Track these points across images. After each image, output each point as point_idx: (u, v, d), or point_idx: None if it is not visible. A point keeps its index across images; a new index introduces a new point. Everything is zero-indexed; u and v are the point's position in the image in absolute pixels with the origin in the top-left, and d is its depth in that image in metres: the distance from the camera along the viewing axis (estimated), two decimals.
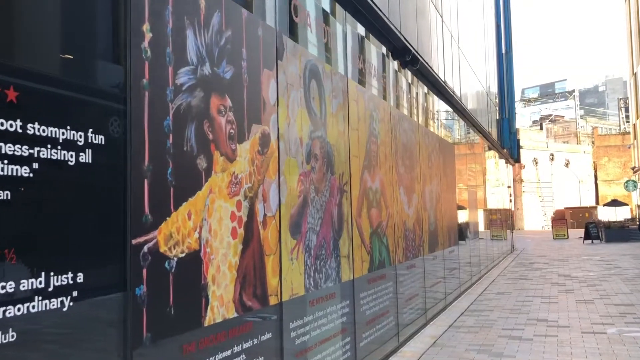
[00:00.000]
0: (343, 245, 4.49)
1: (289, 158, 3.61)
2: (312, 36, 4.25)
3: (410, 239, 6.63)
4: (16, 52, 1.78)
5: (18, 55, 1.78)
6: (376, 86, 5.83)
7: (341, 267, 4.42)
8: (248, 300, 3.01)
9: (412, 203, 6.84)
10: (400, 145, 6.42)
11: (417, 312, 6.77)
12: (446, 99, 9.45)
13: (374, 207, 5.38)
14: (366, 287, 5.01)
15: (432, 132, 8.40)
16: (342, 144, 4.63)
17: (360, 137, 5.08)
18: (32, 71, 1.80)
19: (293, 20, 3.92)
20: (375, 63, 5.90)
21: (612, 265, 14.48)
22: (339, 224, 4.42)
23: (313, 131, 4.04)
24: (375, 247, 5.31)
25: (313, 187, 3.97)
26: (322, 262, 4.07)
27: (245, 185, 3.05)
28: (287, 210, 3.54)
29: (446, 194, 9.07)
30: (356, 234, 4.81)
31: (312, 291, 3.85)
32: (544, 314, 7.86)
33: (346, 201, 4.63)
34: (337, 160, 4.48)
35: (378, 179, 5.54)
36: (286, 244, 3.50)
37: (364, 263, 4.99)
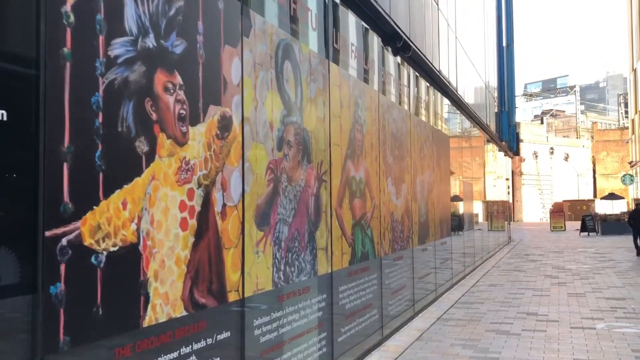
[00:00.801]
0: (320, 237, 4.24)
1: (255, 144, 3.34)
2: (287, 15, 3.95)
3: (398, 231, 6.38)
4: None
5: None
6: (363, 72, 5.55)
7: (317, 259, 4.17)
8: (201, 298, 2.76)
9: (401, 194, 6.58)
10: (389, 135, 6.14)
11: (404, 304, 6.54)
12: (441, 89, 9.15)
13: (358, 198, 5.11)
14: (346, 280, 4.76)
15: (425, 122, 8.11)
16: (322, 131, 4.35)
17: (343, 124, 4.80)
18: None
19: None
20: (363, 48, 5.61)
21: (606, 258, 14.26)
22: (315, 215, 4.16)
23: (286, 116, 3.76)
24: (358, 239, 5.06)
25: (285, 176, 3.70)
26: (295, 255, 3.81)
27: (199, 172, 2.78)
28: (253, 200, 3.28)
29: (439, 185, 8.81)
30: (336, 226, 4.55)
31: (282, 286, 3.60)
32: (535, 307, 7.64)
33: (325, 191, 4.37)
34: (315, 148, 4.21)
35: (363, 168, 5.27)
36: (251, 236, 3.24)
37: (345, 255, 4.74)
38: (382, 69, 6.09)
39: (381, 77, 5.99)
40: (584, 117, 65.08)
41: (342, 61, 4.91)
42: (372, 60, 5.78)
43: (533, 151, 46.05)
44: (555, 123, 59.83)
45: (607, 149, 49.05)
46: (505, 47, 19.88)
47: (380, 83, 5.95)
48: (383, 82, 6.07)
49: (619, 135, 49.29)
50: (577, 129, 55.82)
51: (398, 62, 6.84)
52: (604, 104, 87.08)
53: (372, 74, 5.71)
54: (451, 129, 11.57)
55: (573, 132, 56.55)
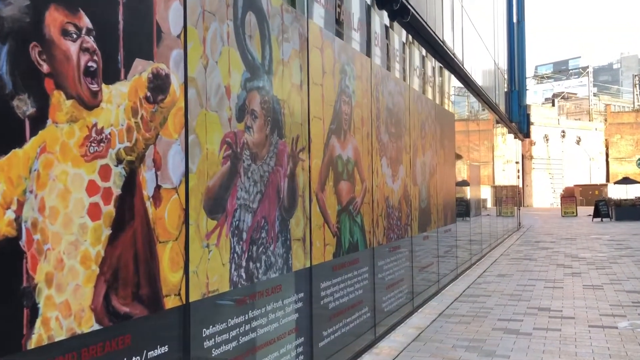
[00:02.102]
0: (296, 226, 3.62)
1: (205, 112, 2.70)
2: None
3: (394, 218, 5.74)
4: None
5: None
6: (353, 36, 4.87)
7: (292, 252, 3.55)
8: (123, 306, 2.15)
9: (398, 176, 5.93)
10: (383, 109, 5.47)
11: (401, 299, 5.93)
12: (445, 62, 8.42)
13: (345, 180, 4.48)
14: (330, 275, 4.15)
15: (427, 98, 7.42)
16: (298, 101, 3.70)
17: (326, 94, 4.15)
18: None
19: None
20: (353, 9, 4.92)
21: (623, 246, 13.54)
22: (290, 200, 3.54)
23: (250, 80, 3.11)
24: (344, 228, 4.43)
25: (249, 153, 3.07)
26: (262, 248, 3.19)
27: (118, 144, 2.16)
28: (201, 181, 2.65)
29: (443, 168, 8.14)
30: (316, 212, 3.92)
31: (243, 286, 2.99)
32: (547, 301, 7.00)
33: (302, 172, 3.73)
34: (290, 121, 3.56)
35: (351, 146, 4.62)
36: (198, 226, 2.62)
37: (328, 247, 4.11)
38: (375, 34, 5.40)
39: (374, 42, 5.29)
40: (597, 99, 63.56)
41: (325, 20, 4.23)
42: (363, 22, 5.08)
43: (544, 134, 44.97)
44: (567, 106, 58.47)
45: (621, 132, 47.76)
46: (515, 23, 18.97)
47: (373, 49, 5.26)
48: (376, 48, 5.38)
49: (633, 117, 47.97)
50: (589, 111, 54.46)
51: (396, 29, 6.13)
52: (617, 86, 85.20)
53: (362, 39, 5.02)
54: (459, 111, 10.85)
55: (585, 115, 55.22)
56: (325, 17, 4.25)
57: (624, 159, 47.35)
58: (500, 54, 16.14)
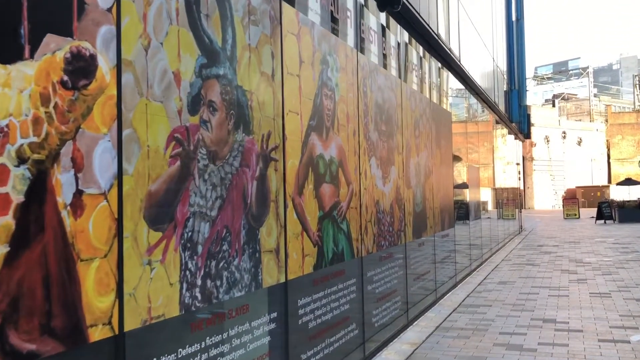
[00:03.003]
0: (267, 236, 3.17)
1: (146, 101, 2.27)
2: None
3: (385, 223, 5.30)
4: None
5: None
6: (338, 25, 4.43)
7: (262, 266, 3.11)
8: (27, 342, 1.71)
9: (390, 178, 5.49)
10: (372, 105, 5.04)
11: (394, 312, 5.48)
12: (441, 57, 7.99)
13: (328, 183, 4.04)
14: (310, 290, 3.70)
15: (421, 94, 6.98)
16: (269, 92, 3.27)
17: (304, 86, 3.71)
18: None
19: None
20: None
21: (629, 249, 13.08)
22: (259, 206, 3.10)
23: (207, 66, 2.68)
24: (327, 236, 3.99)
25: (205, 151, 2.63)
26: (223, 262, 2.75)
27: (20, 139, 1.72)
28: (140, 185, 2.21)
29: (439, 169, 7.70)
30: (293, 220, 3.48)
31: (197, 308, 2.54)
32: (552, 311, 6.54)
33: (275, 173, 3.29)
34: (259, 115, 3.13)
35: (335, 145, 4.19)
36: (137, 239, 2.18)
37: (307, 258, 3.67)
38: (363, 24, 4.97)
39: (360, 32, 4.86)
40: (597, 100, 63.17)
41: (303, 5, 3.79)
42: (350, 11, 4.65)
43: (544, 135, 44.56)
44: (568, 106, 58.05)
45: (622, 132, 47.31)
46: (515, 21, 18.56)
47: (359, 39, 4.83)
48: (363, 38, 4.95)
49: (634, 118, 47.54)
50: (590, 112, 54.04)
51: (384, 18, 5.70)
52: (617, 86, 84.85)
53: (346, 27, 4.58)
54: (458, 113, 10.42)
55: (586, 116, 54.80)
56: (303, 1, 3.81)
57: (626, 159, 46.92)
58: (500, 53, 15.72)
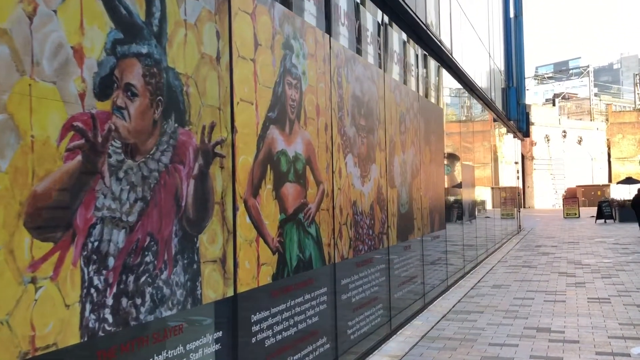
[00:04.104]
0: (210, 244, 2.73)
1: (30, 81, 1.83)
2: None
3: (364, 226, 4.86)
4: None
5: None
6: (305, 7, 3.99)
7: (202, 279, 2.66)
8: None
9: (370, 177, 5.04)
10: (348, 97, 4.60)
11: (376, 321, 5.04)
12: (429, 48, 7.54)
13: (292, 182, 3.59)
14: (268, 304, 3.26)
15: (408, 88, 6.54)
16: (214, 77, 2.82)
17: (260, 73, 3.27)
18: None
19: None
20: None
21: (630, 250, 12.62)
22: (198, 209, 2.65)
23: (123, 43, 2.23)
24: (290, 242, 3.55)
25: (120, 144, 2.19)
26: (146, 276, 2.31)
27: None
28: (19, 184, 1.77)
29: (429, 168, 7.25)
30: (245, 224, 3.04)
31: (107, 333, 2.10)
32: (547, 319, 6.10)
33: (221, 171, 2.85)
34: (198, 103, 2.68)
35: (301, 140, 3.74)
36: (13, 251, 1.74)
37: (265, 267, 3.23)
38: (337, 7, 4.51)
39: (334, 16, 4.40)
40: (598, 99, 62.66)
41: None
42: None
43: (545, 134, 44.07)
44: (568, 106, 57.53)
45: (623, 131, 46.80)
46: (513, 18, 18.12)
47: (333, 25, 4.37)
48: (337, 24, 4.50)
49: (635, 117, 47.03)
50: (590, 111, 53.51)
51: (367, 4, 5.25)
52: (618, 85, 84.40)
53: (318, 11, 4.13)
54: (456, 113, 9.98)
55: (586, 116, 54.29)
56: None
57: (626, 158, 46.43)
58: (497, 50, 15.27)
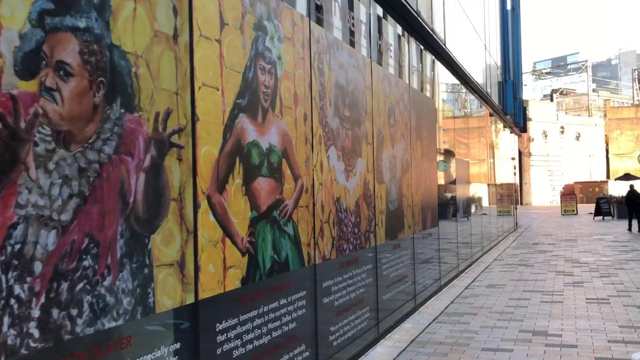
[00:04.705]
0: (164, 245, 2.43)
1: None
2: None
3: (349, 224, 4.56)
4: None
5: None
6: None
7: (156, 285, 2.37)
8: None
9: (355, 172, 4.75)
10: (331, 86, 4.30)
11: (361, 325, 4.76)
12: (420, 37, 7.23)
13: (265, 177, 3.29)
14: (236, 311, 2.97)
15: (398, 79, 6.23)
16: (170, 58, 2.52)
17: (227, 55, 2.96)
18: None
19: None
20: None
21: (628, 248, 12.37)
22: (150, 206, 2.35)
23: (53, 14, 1.93)
24: (263, 242, 3.25)
25: (50, 131, 1.89)
26: (84, 283, 2.01)
27: None
28: None
29: (421, 163, 6.96)
30: (208, 223, 2.74)
31: (32, 349, 1.80)
32: (543, 321, 5.82)
33: (179, 164, 2.55)
34: (149, 87, 2.38)
35: (276, 131, 3.44)
36: None
37: (233, 271, 2.93)
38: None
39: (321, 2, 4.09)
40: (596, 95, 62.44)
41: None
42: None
43: (542, 130, 43.81)
44: (566, 101, 57.29)
45: (621, 127, 46.56)
46: (510, 10, 17.80)
47: (313, 6, 4.06)
48: (318, 6, 4.18)
49: (633, 112, 46.76)
50: (588, 107, 53.26)
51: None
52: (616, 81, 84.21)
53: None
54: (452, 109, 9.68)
55: (584, 111, 54.06)
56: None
57: (625, 154, 46.21)
58: (493, 43, 14.96)
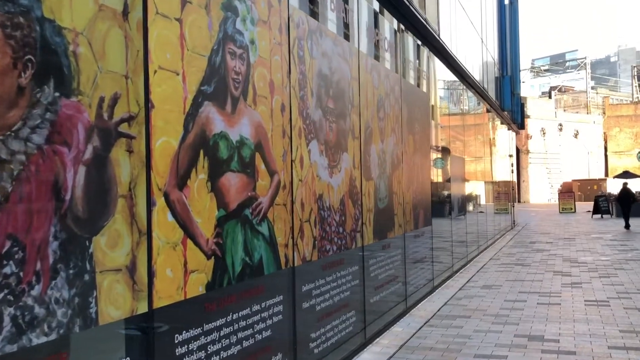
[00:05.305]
0: (110, 248, 2.15)
1: None
2: None
3: (332, 223, 4.28)
4: None
5: None
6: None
7: (99, 294, 2.08)
8: None
9: (340, 168, 4.46)
10: (313, 75, 4.01)
11: (347, 330, 4.48)
12: (412, 27, 6.94)
13: (235, 172, 3.01)
14: (201, 319, 2.68)
15: (389, 70, 5.95)
16: (118, 37, 2.23)
17: (189, 37, 2.68)
18: None
19: None
20: None
21: (628, 247, 12.12)
22: (93, 204, 2.07)
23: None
24: (233, 243, 2.96)
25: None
26: (4, 294, 1.73)
27: None
28: None
29: (413, 158, 6.68)
30: (165, 223, 2.46)
31: None
32: (540, 324, 5.55)
33: (129, 157, 2.26)
34: (92, 68, 2.09)
35: (248, 122, 3.15)
36: None
37: (195, 276, 2.65)
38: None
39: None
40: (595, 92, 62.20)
41: None
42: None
43: (540, 128, 43.55)
44: (565, 99, 57.02)
45: (620, 124, 46.31)
46: (508, 4, 17.51)
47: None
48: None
49: (632, 110, 46.51)
50: (587, 104, 53.00)
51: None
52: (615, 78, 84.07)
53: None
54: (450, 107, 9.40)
55: (583, 109, 53.81)
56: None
57: (623, 152, 45.98)
58: (490, 37, 14.68)
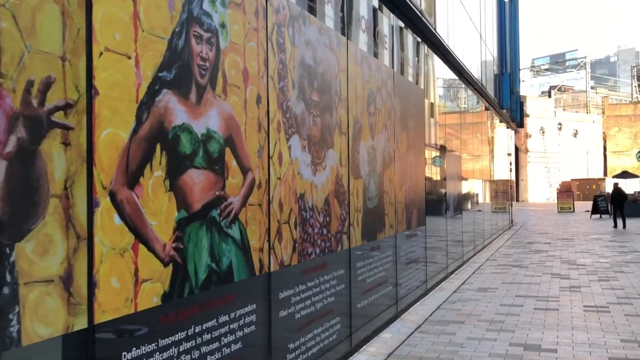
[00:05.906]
0: (40, 256, 1.86)
1: None
2: None
3: (316, 225, 3.99)
4: None
5: None
6: None
7: (23, 309, 1.79)
8: None
9: (325, 165, 4.17)
10: (295, 65, 3.71)
11: (330, 339, 4.20)
12: (406, 18, 6.65)
13: (200, 169, 2.71)
14: (155, 335, 2.40)
15: (380, 62, 5.65)
16: (51, 11, 1.94)
17: (146, 16, 2.38)
18: None
19: None
20: None
21: (628, 248, 11.85)
22: (15, 205, 1.78)
23: None
24: (196, 248, 2.67)
25: None
26: None
27: None
28: None
29: (406, 156, 6.39)
30: (112, 227, 2.16)
31: None
32: (537, 332, 5.28)
33: (66, 150, 1.97)
34: (18, 47, 1.80)
35: (217, 113, 2.86)
36: None
37: (148, 285, 2.36)
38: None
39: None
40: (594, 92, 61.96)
41: None
42: None
43: (540, 127, 43.34)
44: (564, 98, 56.78)
45: (619, 124, 46.08)
46: (507, 2, 17.21)
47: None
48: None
49: (632, 109, 46.29)
50: (586, 104, 52.76)
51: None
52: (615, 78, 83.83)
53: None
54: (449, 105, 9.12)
55: (582, 108, 53.58)
56: None
57: (622, 152, 45.78)
58: (489, 33, 14.38)
